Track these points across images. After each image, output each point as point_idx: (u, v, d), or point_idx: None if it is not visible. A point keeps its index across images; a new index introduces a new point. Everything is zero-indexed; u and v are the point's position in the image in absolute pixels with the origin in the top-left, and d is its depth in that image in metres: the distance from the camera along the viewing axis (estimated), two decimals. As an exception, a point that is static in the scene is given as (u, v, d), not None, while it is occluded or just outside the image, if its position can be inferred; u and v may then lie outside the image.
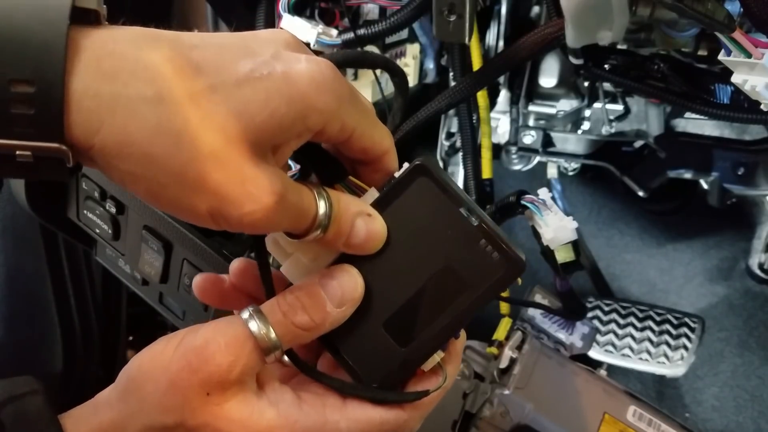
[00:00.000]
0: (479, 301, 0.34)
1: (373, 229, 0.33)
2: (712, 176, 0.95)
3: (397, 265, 0.35)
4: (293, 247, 0.35)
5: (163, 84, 0.26)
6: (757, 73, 0.45)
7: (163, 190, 0.28)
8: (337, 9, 0.72)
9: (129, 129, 0.26)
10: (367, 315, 0.35)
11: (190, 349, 0.31)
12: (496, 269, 0.34)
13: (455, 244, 0.34)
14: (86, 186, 0.56)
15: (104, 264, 0.62)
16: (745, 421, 1.14)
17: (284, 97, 0.28)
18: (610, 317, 1.09)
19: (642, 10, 0.54)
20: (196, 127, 0.26)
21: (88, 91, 0.25)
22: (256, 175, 0.28)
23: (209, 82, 0.27)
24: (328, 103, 0.29)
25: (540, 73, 0.96)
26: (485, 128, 0.72)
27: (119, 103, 0.26)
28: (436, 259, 0.34)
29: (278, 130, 0.28)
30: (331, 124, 0.30)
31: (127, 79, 0.26)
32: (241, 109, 0.27)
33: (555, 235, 0.52)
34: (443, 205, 0.34)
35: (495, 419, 0.58)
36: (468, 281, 0.34)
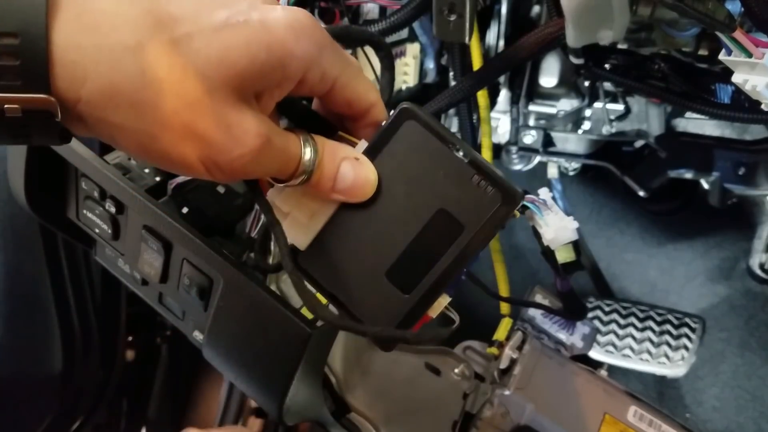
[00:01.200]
0: (479, 238, 0.34)
1: (360, 173, 0.33)
2: (713, 176, 0.95)
3: (393, 213, 0.34)
4: (289, 206, 0.35)
5: (144, 33, 0.27)
6: (757, 73, 0.45)
7: (153, 141, 0.28)
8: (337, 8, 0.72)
9: (114, 79, 0.26)
10: (369, 266, 0.35)
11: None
12: (492, 203, 0.34)
13: (448, 185, 0.34)
14: (86, 186, 0.56)
15: (103, 264, 0.62)
16: (746, 421, 1.14)
17: (263, 44, 0.28)
18: (610, 317, 1.09)
19: (642, 10, 0.54)
20: (179, 74, 0.27)
21: (71, 43, 0.26)
22: (241, 119, 0.28)
23: (188, 30, 0.27)
24: (306, 49, 0.29)
25: (540, 73, 0.95)
26: (485, 128, 0.72)
27: (102, 54, 0.26)
28: (432, 202, 0.34)
29: (259, 76, 0.29)
30: (312, 72, 0.30)
31: (108, 31, 0.26)
32: (222, 56, 0.28)
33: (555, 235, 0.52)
34: (432, 146, 0.34)
35: (495, 420, 0.58)
36: (465, 219, 0.34)
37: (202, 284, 0.51)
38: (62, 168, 0.59)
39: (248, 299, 0.48)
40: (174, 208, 0.54)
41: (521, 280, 1.29)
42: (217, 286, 0.50)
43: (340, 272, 0.35)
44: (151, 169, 0.58)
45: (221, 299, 0.50)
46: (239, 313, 0.50)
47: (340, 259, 0.35)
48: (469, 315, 0.35)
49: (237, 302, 0.49)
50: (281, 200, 0.35)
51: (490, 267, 0.70)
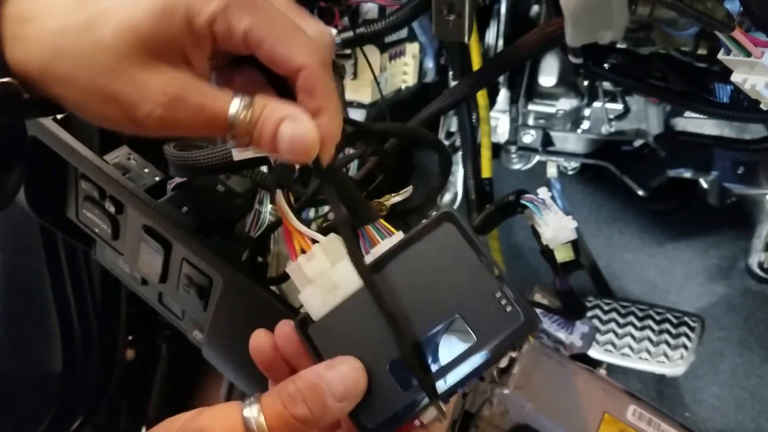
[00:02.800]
0: (488, 355, 0.34)
1: (297, 132, 0.32)
2: (712, 175, 0.95)
3: (412, 304, 0.34)
4: (314, 275, 0.36)
5: (66, 15, 0.31)
6: (756, 72, 0.45)
7: (85, 106, 0.32)
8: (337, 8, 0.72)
9: (46, 57, 0.31)
10: (374, 353, 0.35)
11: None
12: (510, 323, 0.34)
13: (471, 294, 0.34)
14: (85, 186, 0.56)
15: (103, 264, 0.62)
16: (744, 420, 1.14)
17: (167, 8, 0.31)
18: (609, 316, 1.09)
19: (642, 9, 0.54)
20: (91, 48, 0.31)
21: (15, 35, 0.31)
22: (147, 80, 0.31)
23: (104, 5, 0.31)
24: (209, 5, 0.31)
25: (540, 72, 0.96)
26: (485, 127, 0.72)
27: (36, 38, 0.31)
28: (450, 306, 0.34)
29: (167, 37, 0.31)
30: (217, 27, 0.32)
31: (40, 19, 0.31)
32: (127, 24, 0.31)
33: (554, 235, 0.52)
34: (464, 253, 0.34)
35: (495, 419, 0.58)
36: (478, 332, 0.34)
37: (202, 284, 0.51)
38: (62, 168, 0.59)
39: (247, 299, 0.49)
40: (173, 208, 0.54)
41: (520, 279, 1.29)
42: (217, 285, 0.50)
43: (345, 351, 0.35)
44: (150, 168, 0.58)
45: (221, 299, 0.50)
46: (238, 313, 0.50)
47: (348, 338, 0.35)
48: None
49: (236, 302, 0.49)
50: (308, 268, 0.36)
51: (490, 266, 0.70)
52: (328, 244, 0.36)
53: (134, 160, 0.58)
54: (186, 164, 0.49)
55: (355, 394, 0.34)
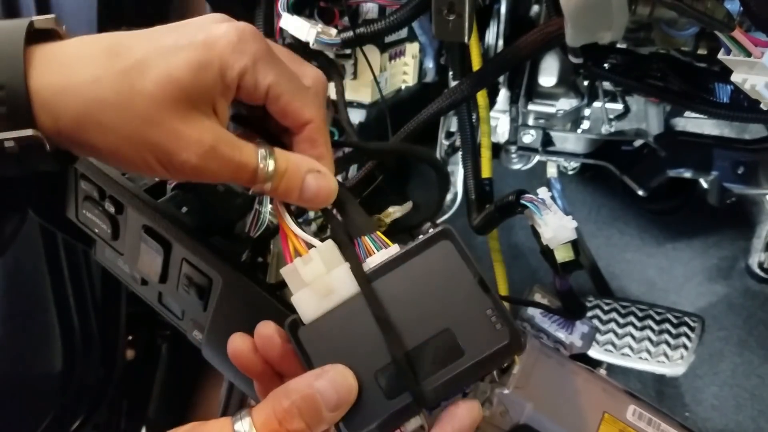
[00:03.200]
0: (473, 370, 0.34)
1: (323, 184, 0.36)
2: (712, 175, 0.95)
3: (403, 316, 0.35)
4: (310, 279, 0.36)
5: (100, 67, 0.32)
6: (756, 72, 0.45)
7: (120, 153, 0.33)
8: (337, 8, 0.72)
9: (79, 110, 0.32)
10: (361, 360, 0.35)
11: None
12: (498, 340, 0.34)
13: (462, 309, 0.35)
14: (85, 186, 0.56)
15: (103, 264, 0.62)
16: (744, 420, 1.14)
17: (204, 61, 0.33)
18: (609, 316, 1.09)
19: (641, 9, 0.54)
20: (130, 97, 0.32)
21: (45, 85, 0.31)
22: (184, 130, 0.33)
23: (139, 57, 0.32)
24: (241, 60, 0.34)
25: (540, 72, 0.96)
26: (485, 127, 0.72)
27: (69, 91, 0.32)
28: (441, 320, 0.35)
29: (204, 89, 0.33)
30: (245, 80, 0.34)
31: (72, 70, 0.32)
32: (167, 76, 0.32)
33: (554, 235, 0.52)
34: (459, 269, 0.35)
35: (495, 419, 0.58)
36: (467, 346, 0.34)
37: (202, 284, 0.51)
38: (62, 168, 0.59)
39: (247, 299, 0.49)
40: (173, 208, 0.54)
41: (520, 279, 1.29)
42: (217, 285, 0.50)
43: (334, 356, 0.35)
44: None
45: (220, 299, 0.50)
46: (238, 313, 0.50)
47: (337, 344, 0.36)
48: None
49: (236, 302, 0.49)
50: (305, 271, 0.36)
51: (490, 266, 0.70)
52: (326, 249, 0.37)
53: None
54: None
55: (347, 401, 0.34)
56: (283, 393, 0.33)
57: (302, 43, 0.66)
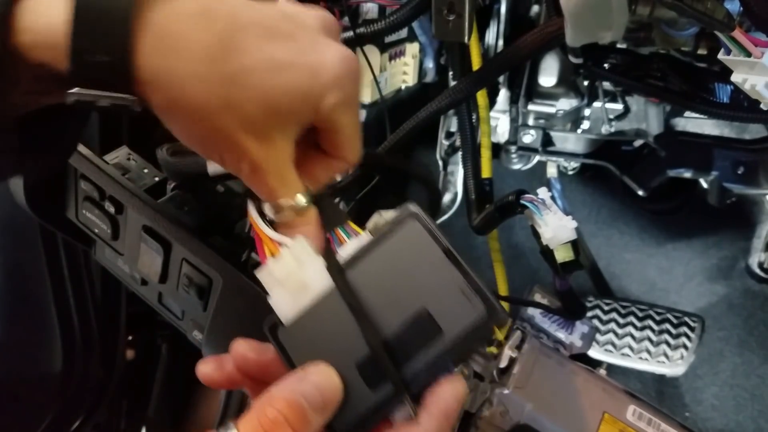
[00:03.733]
0: (454, 347, 0.34)
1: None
2: (712, 175, 0.95)
3: (377, 305, 0.35)
4: (283, 276, 0.36)
5: (208, 62, 0.31)
6: (756, 72, 0.45)
7: (192, 142, 0.35)
8: (337, 8, 0.72)
9: (173, 100, 0.32)
10: (342, 354, 0.34)
11: None
12: (475, 314, 0.34)
13: (436, 288, 0.34)
14: (85, 186, 0.56)
15: (103, 264, 0.62)
16: (744, 420, 1.14)
17: (307, 90, 0.33)
18: (609, 316, 1.09)
19: (641, 9, 0.54)
20: (223, 109, 0.32)
21: (151, 69, 0.31)
22: (255, 151, 0.33)
23: (245, 64, 0.32)
24: (337, 96, 0.34)
25: (539, 72, 0.96)
26: (485, 127, 0.72)
27: (172, 80, 0.31)
28: (416, 300, 0.34)
29: (295, 115, 0.34)
30: (329, 114, 0.34)
31: (180, 56, 0.31)
32: (265, 96, 0.32)
33: (554, 235, 0.52)
34: (428, 247, 0.35)
35: (494, 419, 0.58)
36: (445, 324, 0.34)
37: (202, 284, 0.51)
38: (62, 168, 0.59)
39: (247, 299, 0.49)
40: (173, 208, 0.54)
41: (520, 279, 1.29)
42: (217, 285, 0.50)
43: (315, 354, 0.35)
44: (150, 169, 0.58)
45: (220, 299, 0.50)
46: (238, 313, 0.50)
47: (317, 341, 0.35)
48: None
49: (236, 302, 0.49)
50: (276, 269, 0.36)
51: (490, 266, 0.70)
52: (296, 245, 0.36)
53: (134, 160, 0.58)
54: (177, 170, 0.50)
55: (334, 401, 0.33)
56: (267, 401, 0.32)
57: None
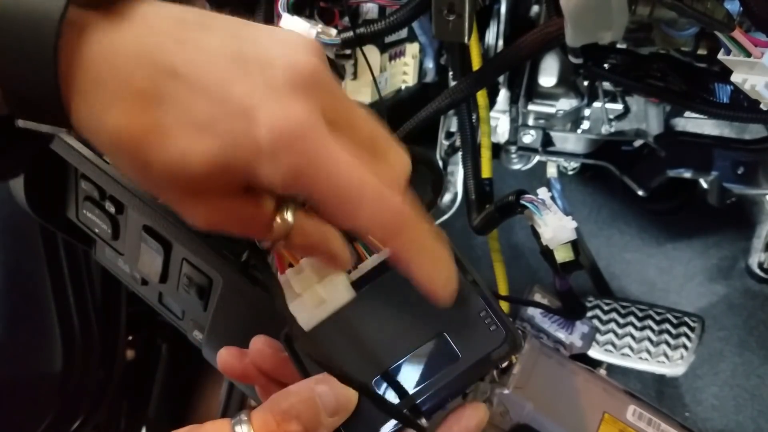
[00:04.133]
0: (469, 374, 0.34)
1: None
2: (712, 175, 0.95)
3: (397, 322, 0.35)
4: (302, 289, 0.36)
5: (132, 114, 0.27)
6: (756, 72, 0.45)
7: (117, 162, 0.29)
8: (337, 8, 0.72)
9: (104, 145, 0.28)
10: (358, 370, 0.34)
11: None
12: (493, 341, 0.34)
13: (456, 312, 0.34)
14: (85, 186, 0.56)
15: (103, 264, 0.62)
16: (744, 420, 1.14)
17: (221, 158, 0.27)
18: (609, 316, 1.09)
19: (641, 10, 0.54)
20: (142, 167, 0.28)
21: (79, 112, 0.27)
22: (190, 208, 0.29)
23: (164, 122, 0.27)
24: (272, 170, 0.27)
25: (539, 73, 0.96)
26: (485, 127, 0.72)
27: (100, 125, 0.27)
28: (435, 324, 0.34)
29: (216, 185, 0.28)
30: (279, 187, 0.28)
31: (108, 104, 0.27)
32: (181, 160, 0.27)
33: (554, 235, 0.52)
34: None
35: (495, 419, 0.58)
36: (462, 349, 0.34)
37: (202, 284, 0.51)
38: (62, 168, 0.59)
39: (247, 299, 0.49)
40: (173, 208, 0.54)
41: (520, 279, 1.29)
42: (217, 285, 0.50)
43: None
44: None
45: (221, 299, 0.50)
46: (239, 313, 0.50)
47: (333, 354, 0.35)
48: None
49: (236, 302, 0.50)
50: (296, 282, 0.36)
51: (490, 266, 0.70)
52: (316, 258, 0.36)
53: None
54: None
55: (346, 409, 0.34)
56: (283, 396, 0.33)
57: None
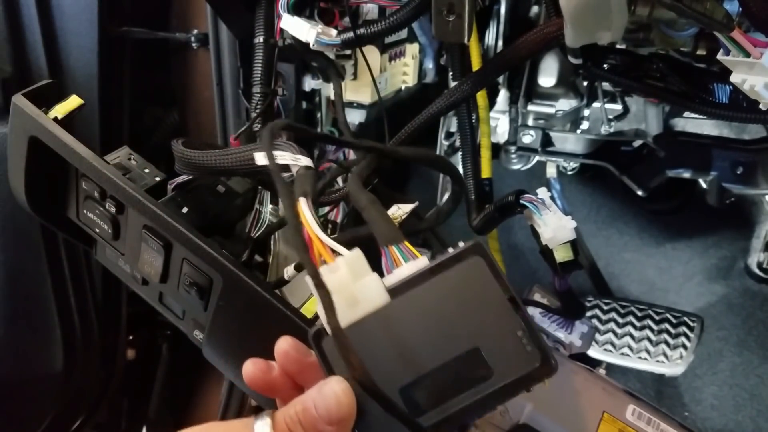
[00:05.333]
0: (502, 392, 0.33)
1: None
2: (711, 175, 0.95)
3: (429, 334, 0.34)
4: (336, 289, 0.35)
5: None
6: (755, 73, 0.46)
7: None
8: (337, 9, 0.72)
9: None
10: (385, 376, 0.34)
11: None
12: (528, 362, 0.33)
13: (493, 329, 0.34)
14: (86, 186, 0.56)
15: (104, 264, 0.62)
16: (743, 419, 1.14)
17: None
18: (609, 316, 1.10)
19: (641, 10, 0.54)
20: None
21: None
22: None
23: None
24: None
25: (539, 73, 0.96)
26: (484, 128, 0.72)
27: None
28: (470, 338, 0.34)
29: None
30: None
31: None
32: None
33: (554, 235, 0.52)
34: (490, 287, 0.34)
35: (494, 418, 0.58)
36: (496, 367, 0.33)
37: (202, 284, 0.51)
38: (62, 168, 0.59)
39: (248, 299, 0.49)
40: (174, 208, 0.54)
41: (520, 279, 1.29)
42: (217, 285, 0.50)
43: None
44: (151, 169, 0.58)
45: (221, 299, 0.50)
46: (239, 313, 0.50)
47: (360, 357, 0.34)
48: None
49: (236, 302, 0.50)
50: (330, 280, 0.35)
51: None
52: (354, 258, 0.35)
53: (135, 160, 0.58)
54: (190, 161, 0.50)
55: (346, 416, 0.33)
56: (293, 402, 0.34)
57: (302, 44, 0.66)
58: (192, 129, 1.01)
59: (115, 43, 0.88)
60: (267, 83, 0.73)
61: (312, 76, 0.89)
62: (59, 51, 0.85)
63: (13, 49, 0.83)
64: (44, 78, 0.84)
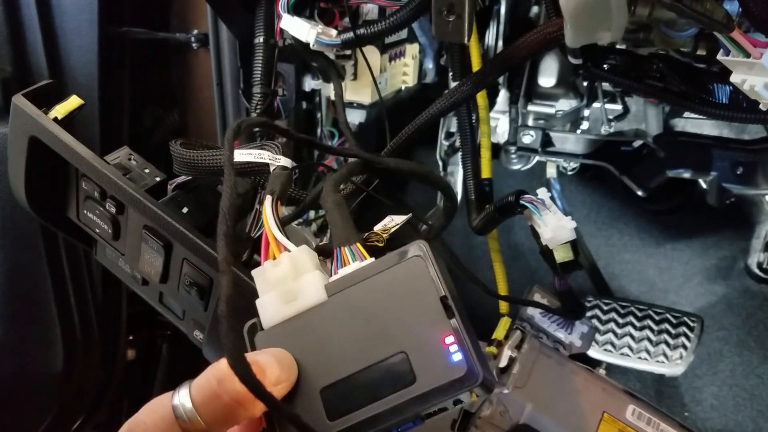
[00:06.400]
0: (420, 401, 0.31)
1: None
2: (711, 176, 0.95)
3: (360, 334, 0.33)
4: (275, 284, 0.36)
5: None
6: (755, 73, 0.46)
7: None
8: (337, 9, 0.72)
9: None
10: (310, 375, 0.33)
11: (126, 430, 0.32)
12: (450, 373, 0.31)
13: (423, 334, 0.32)
14: (86, 186, 0.56)
15: (104, 264, 0.62)
16: (743, 419, 1.14)
17: None
18: (609, 316, 1.10)
19: (641, 10, 0.54)
20: None
21: None
22: None
23: None
24: None
25: (539, 73, 0.96)
26: (484, 128, 0.72)
27: None
28: (398, 341, 0.32)
29: None
30: None
31: None
32: None
33: (554, 235, 0.52)
34: (426, 289, 0.33)
35: (494, 418, 0.58)
36: (420, 374, 0.32)
37: (202, 284, 0.51)
38: (63, 168, 0.59)
39: (248, 299, 0.49)
40: (174, 208, 0.54)
41: (520, 279, 1.29)
42: (217, 285, 0.50)
43: None
44: (151, 169, 0.58)
45: (221, 299, 0.50)
46: (239, 313, 0.50)
47: (291, 353, 0.34)
48: (468, 314, 0.35)
49: (236, 302, 0.50)
50: (272, 273, 0.35)
51: (489, 266, 0.70)
52: (298, 254, 0.35)
53: (135, 160, 0.58)
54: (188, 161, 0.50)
55: (287, 378, 0.32)
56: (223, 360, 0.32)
57: (302, 44, 0.66)
58: (192, 129, 1.01)
59: (115, 43, 0.88)
60: (267, 83, 0.73)
61: (312, 76, 0.89)
62: (59, 51, 0.85)
63: (13, 49, 0.83)
64: (44, 78, 0.84)
